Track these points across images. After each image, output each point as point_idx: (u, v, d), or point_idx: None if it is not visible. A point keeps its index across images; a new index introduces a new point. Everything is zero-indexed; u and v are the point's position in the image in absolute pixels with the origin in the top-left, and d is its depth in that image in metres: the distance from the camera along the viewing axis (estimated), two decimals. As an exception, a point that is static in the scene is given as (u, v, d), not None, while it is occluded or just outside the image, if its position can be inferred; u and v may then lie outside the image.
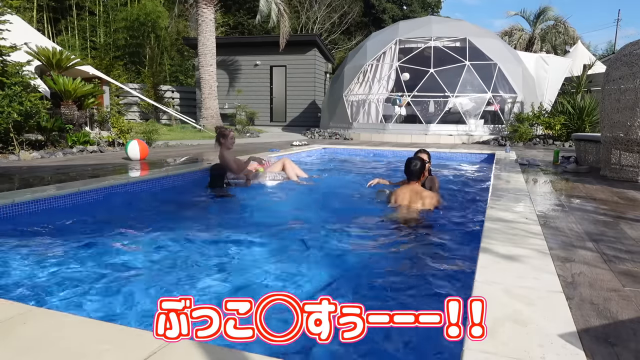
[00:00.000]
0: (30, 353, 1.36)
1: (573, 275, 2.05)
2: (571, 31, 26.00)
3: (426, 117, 12.44)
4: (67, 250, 2.92)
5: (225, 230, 3.54)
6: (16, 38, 7.82)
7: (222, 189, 4.86)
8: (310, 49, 18.33)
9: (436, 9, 34.88)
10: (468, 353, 1.33)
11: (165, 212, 4.12)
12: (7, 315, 1.61)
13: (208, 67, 14.15)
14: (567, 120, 11.08)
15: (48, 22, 21.40)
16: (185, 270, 2.65)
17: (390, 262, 2.92)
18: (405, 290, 2.44)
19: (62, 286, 2.38)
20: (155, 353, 1.33)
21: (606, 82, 5.46)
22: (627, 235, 2.78)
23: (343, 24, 28.88)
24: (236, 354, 1.36)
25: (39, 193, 3.74)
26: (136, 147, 6.60)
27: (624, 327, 1.58)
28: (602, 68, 13.04)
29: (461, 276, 2.48)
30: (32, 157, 6.76)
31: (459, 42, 12.67)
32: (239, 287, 2.43)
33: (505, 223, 2.88)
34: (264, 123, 18.53)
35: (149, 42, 21.14)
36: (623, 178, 5.25)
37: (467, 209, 4.18)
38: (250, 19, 25.69)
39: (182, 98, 19.91)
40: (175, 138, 11.66)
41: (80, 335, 1.49)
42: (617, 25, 38.12)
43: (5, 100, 6.81)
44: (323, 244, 3.18)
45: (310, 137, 13.02)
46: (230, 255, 2.98)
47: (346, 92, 13.24)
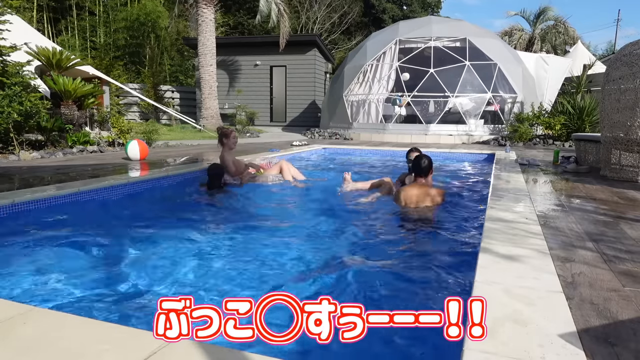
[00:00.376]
0: (30, 353, 1.36)
1: (573, 275, 2.05)
2: (571, 31, 26.00)
3: (426, 117, 12.44)
4: (67, 250, 2.92)
5: (220, 229, 3.56)
6: (16, 38, 7.82)
7: (219, 189, 4.87)
8: (310, 49, 18.34)
9: (436, 9, 34.89)
10: (468, 353, 1.33)
11: (162, 212, 4.12)
12: (7, 315, 1.61)
13: (208, 67, 14.15)
14: (567, 120, 11.08)
15: (48, 22, 21.40)
16: (185, 270, 2.65)
17: (390, 262, 2.91)
18: (405, 291, 2.44)
19: (62, 286, 2.38)
20: (155, 353, 1.33)
21: (606, 82, 5.46)
22: (627, 235, 2.78)
23: (343, 24, 28.88)
24: (236, 354, 1.36)
25: (39, 193, 3.74)
26: (136, 147, 6.60)
27: (624, 327, 1.58)
28: (602, 68, 13.04)
29: (461, 276, 2.48)
30: (32, 157, 6.76)
31: (459, 42, 12.67)
32: (237, 286, 2.43)
33: (505, 223, 2.88)
34: (264, 123, 18.54)
35: (149, 42, 21.14)
36: (623, 178, 5.25)
37: (467, 209, 4.18)
38: (250, 19, 25.70)
39: (182, 98, 19.92)
40: (175, 138, 11.66)
41: (80, 335, 1.49)
42: (617, 25, 38.15)
43: (6, 100, 6.81)
44: (317, 245, 3.17)
45: (310, 137, 13.02)
46: (225, 255, 2.98)
47: (346, 92, 13.24)
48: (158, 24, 21.28)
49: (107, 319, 1.94)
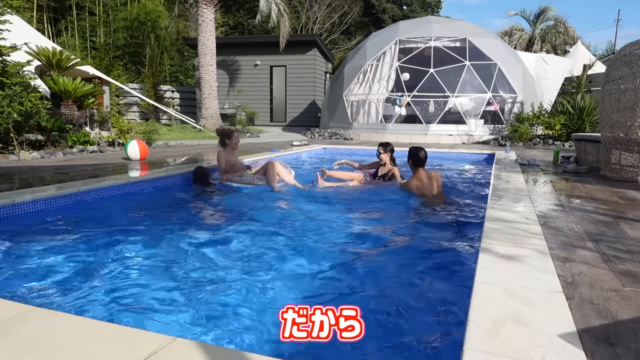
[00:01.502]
0: (30, 353, 1.36)
1: (573, 275, 2.05)
2: (571, 31, 26.01)
3: (426, 117, 12.44)
4: (68, 250, 2.92)
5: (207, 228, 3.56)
6: (16, 38, 7.82)
7: (205, 187, 4.82)
8: (310, 49, 18.33)
9: (436, 9, 34.90)
10: (468, 353, 1.33)
11: (161, 212, 4.12)
12: (7, 315, 1.61)
13: (208, 67, 14.15)
14: (567, 120, 11.08)
15: (48, 22, 21.40)
16: (183, 269, 2.65)
17: (389, 262, 2.91)
18: (403, 291, 2.43)
19: (62, 286, 2.38)
20: (156, 353, 1.33)
21: (606, 82, 5.46)
22: (627, 235, 2.78)
23: (343, 24, 28.88)
24: (236, 354, 1.36)
25: (39, 193, 3.74)
26: (136, 147, 6.60)
27: (624, 327, 1.58)
28: (602, 68, 13.03)
29: (461, 276, 2.48)
30: (32, 157, 6.76)
31: (459, 42, 12.67)
32: (233, 286, 2.43)
33: (505, 223, 2.87)
34: (264, 123, 18.53)
35: (149, 42, 21.14)
36: (623, 178, 5.25)
37: (467, 209, 4.18)
38: (250, 19, 25.70)
39: (182, 98, 19.92)
40: (175, 138, 11.66)
41: (80, 335, 1.49)
42: (617, 25, 38.16)
43: (6, 101, 6.81)
44: (300, 250, 3.06)
45: (310, 137, 13.02)
46: (213, 253, 2.98)
47: (346, 92, 13.24)
48: (158, 24, 21.27)
49: (107, 319, 1.94)
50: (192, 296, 2.29)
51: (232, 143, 5.06)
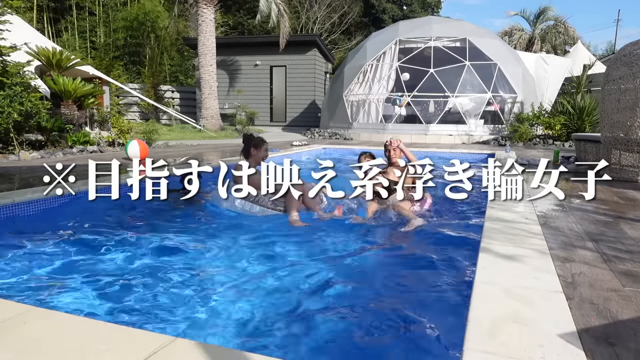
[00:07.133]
0: (30, 353, 1.36)
1: (573, 275, 2.05)
2: (571, 31, 26.00)
3: (426, 117, 12.44)
4: (68, 250, 2.92)
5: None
6: (16, 38, 7.81)
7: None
8: (310, 49, 18.33)
9: (436, 9, 34.88)
10: (468, 353, 1.33)
11: (160, 212, 4.11)
12: (7, 315, 1.61)
13: (208, 67, 14.15)
14: (567, 120, 11.08)
15: (48, 22, 21.39)
16: (183, 269, 2.65)
17: (388, 262, 2.91)
18: (404, 291, 2.44)
19: (62, 286, 2.37)
20: (156, 353, 1.33)
21: (606, 82, 5.46)
22: (627, 235, 2.78)
23: (343, 24, 28.86)
24: (236, 354, 1.36)
25: (39, 193, 3.74)
26: (136, 147, 6.60)
27: (624, 327, 1.58)
28: (602, 68, 13.02)
29: (461, 276, 2.48)
30: (32, 157, 6.75)
31: (459, 42, 12.67)
32: (233, 285, 2.43)
33: (505, 223, 2.88)
34: (264, 123, 18.53)
35: (148, 42, 21.13)
36: (623, 178, 5.25)
37: (467, 209, 4.18)
38: (250, 19, 25.68)
39: (182, 98, 19.91)
40: (175, 138, 11.66)
41: (80, 335, 1.49)
42: (617, 25, 38.15)
43: (6, 101, 6.81)
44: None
45: (310, 137, 13.02)
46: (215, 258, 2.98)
47: (346, 92, 13.24)
48: (157, 24, 21.27)
49: (107, 319, 1.94)
50: (192, 297, 2.29)
51: (258, 155, 3.87)
